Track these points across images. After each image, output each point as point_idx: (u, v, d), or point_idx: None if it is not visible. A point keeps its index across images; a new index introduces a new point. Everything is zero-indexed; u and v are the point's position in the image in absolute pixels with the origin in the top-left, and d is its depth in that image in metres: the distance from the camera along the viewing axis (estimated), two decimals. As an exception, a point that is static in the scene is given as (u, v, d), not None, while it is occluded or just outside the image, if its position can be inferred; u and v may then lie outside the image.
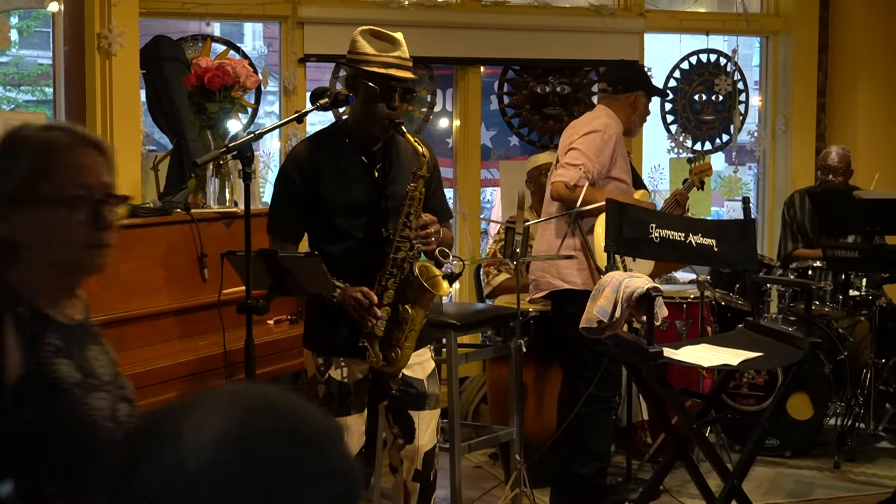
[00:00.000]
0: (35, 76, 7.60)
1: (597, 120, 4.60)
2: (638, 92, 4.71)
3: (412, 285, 3.31)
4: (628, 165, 4.70)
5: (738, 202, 7.36)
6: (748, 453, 3.76)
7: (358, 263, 3.36)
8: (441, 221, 3.43)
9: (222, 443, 0.91)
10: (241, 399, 0.97)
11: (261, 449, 0.92)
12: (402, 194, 3.35)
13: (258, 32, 8.65)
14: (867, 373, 5.37)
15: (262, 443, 0.92)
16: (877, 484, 5.03)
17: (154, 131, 5.72)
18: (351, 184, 3.38)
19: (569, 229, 4.44)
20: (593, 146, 4.48)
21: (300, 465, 0.93)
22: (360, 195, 3.39)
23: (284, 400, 0.98)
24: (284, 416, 0.96)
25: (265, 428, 0.94)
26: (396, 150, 3.46)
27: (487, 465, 5.34)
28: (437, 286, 3.32)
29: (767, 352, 3.75)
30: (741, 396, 5.39)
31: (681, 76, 6.75)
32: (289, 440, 0.94)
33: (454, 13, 6.12)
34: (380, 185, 3.40)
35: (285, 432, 0.95)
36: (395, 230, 3.34)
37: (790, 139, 6.89)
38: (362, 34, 3.38)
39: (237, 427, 0.93)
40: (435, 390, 3.54)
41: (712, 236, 4.10)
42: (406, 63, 3.37)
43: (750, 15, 6.71)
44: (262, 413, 0.95)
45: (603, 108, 4.71)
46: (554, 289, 4.56)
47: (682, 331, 5.09)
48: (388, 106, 3.32)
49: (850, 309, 5.68)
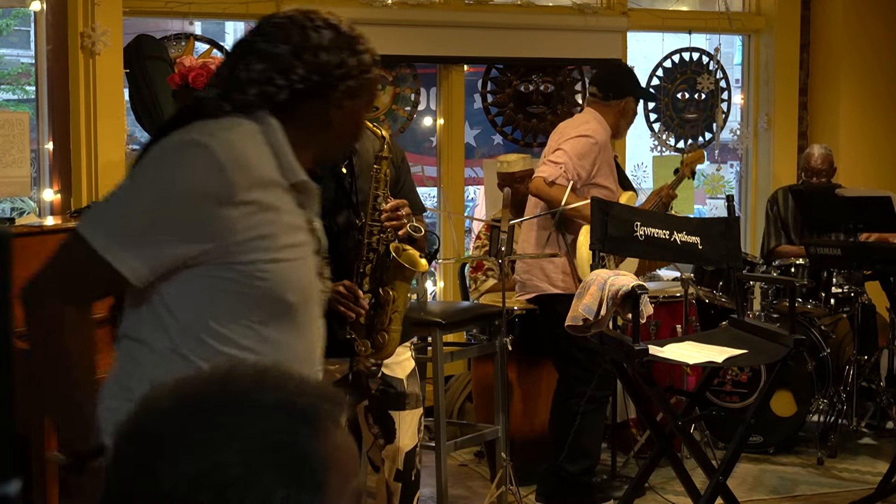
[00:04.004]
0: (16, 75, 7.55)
1: (585, 125, 4.61)
2: (628, 98, 4.72)
3: (389, 266, 3.29)
4: (614, 172, 4.71)
5: (720, 200, 7.41)
6: (733, 450, 3.78)
7: (336, 258, 3.35)
8: (413, 214, 3.42)
9: None
10: None
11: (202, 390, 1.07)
12: (369, 187, 3.37)
13: (240, 31, 8.63)
14: (849, 369, 5.41)
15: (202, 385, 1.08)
16: (859, 480, 5.06)
17: (136, 130, 5.71)
18: (319, 184, 3.38)
19: (553, 231, 4.46)
20: (577, 149, 4.50)
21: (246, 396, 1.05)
22: (329, 195, 3.38)
23: None
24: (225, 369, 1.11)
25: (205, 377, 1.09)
26: (361, 143, 3.45)
27: (473, 464, 5.35)
28: (415, 263, 3.28)
29: (752, 349, 3.77)
30: (724, 394, 5.41)
31: (663, 75, 6.77)
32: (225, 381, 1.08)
33: (437, 12, 6.12)
34: (348, 181, 3.40)
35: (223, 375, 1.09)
36: (366, 216, 3.34)
37: (772, 137, 6.92)
38: None
39: None
40: (415, 389, 3.52)
41: (696, 234, 4.12)
42: None
43: (732, 14, 6.74)
44: None
45: (592, 113, 4.70)
46: (541, 292, 4.58)
47: (652, 332, 5.06)
48: None
49: (832, 306, 5.71)
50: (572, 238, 4.51)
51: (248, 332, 1.92)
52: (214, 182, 1.85)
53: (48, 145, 5.08)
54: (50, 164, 5.09)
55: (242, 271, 1.89)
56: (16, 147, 4.45)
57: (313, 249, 2.06)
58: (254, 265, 1.89)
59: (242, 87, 1.95)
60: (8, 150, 4.42)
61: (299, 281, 1.98)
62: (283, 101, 1.95)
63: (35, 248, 3.70)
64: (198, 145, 1.86)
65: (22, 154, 4.49)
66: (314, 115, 2.00)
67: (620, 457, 5.10)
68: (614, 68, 4.96)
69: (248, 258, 1.88)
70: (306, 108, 1.98)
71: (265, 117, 1.95)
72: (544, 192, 4.45)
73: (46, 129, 5.09)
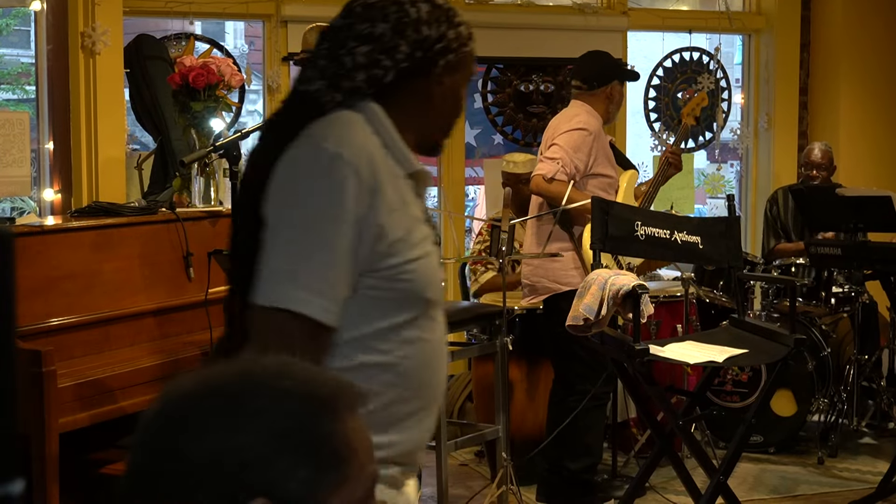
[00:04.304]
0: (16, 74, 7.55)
1: (576, 118, 4.61)
2: (613, 83, 4.72)
3: None
4: (611, 159, 4.70)
5: (720, 200, 7.41)
6: (733, 450, 3.78)
7: None
8: None
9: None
10: None
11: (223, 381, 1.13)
12: None
13: (239, 31, 8.64)
14: (850, 369, 5.40)
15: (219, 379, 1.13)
16: (860, 479, 5.06)
17: (136, 130, 5.71)
18: None
19: (553, 228, 4.46)
20: (572, 142, 4.51)
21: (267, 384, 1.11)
22: None
23: None
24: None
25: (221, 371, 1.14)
26: None
27: (473, 463, 5.35)
28: None
29: (752, 349, 3.76)
30: (725, 393, 5.41)
31: (664, 74, 6.77)
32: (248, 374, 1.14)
33: (438, 11, 6.10)
34: None
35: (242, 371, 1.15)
36: None
37: (772, 137, 6.92)
38: (311, 32, 3.40)
39: None
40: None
41: (697, 233, 4.12)
42: None
43: (732, 13, 6.74)
44: None
45: (580, 105, 4.69)
46: (552, 293, 4.57)
47: (652, 332, 5.05)
48: None
49: (832, 306, 5.71)
50: (580, 231, 4.51)
51: (390, 335, 1.84)
52: (365, 194, 1.76)
53: (48, 145, 5.08)
54: (50, 163, 5.09)
55: (385, 276, 1.81)
56: (16, 147, 4.45)
57: (434, 240, 1.94)
58: (396, 268, 1.81)
59: (350, 73, 1.85)
60: (8, 150, 4.42)
61: (434, 275, 1.89)
62: (389, 83, 1.86)
63: (35, 248, 3.70)
64: (335, 159, 1.76)
65: (22, 154, 4.48)
66: (416, 95, 1.90)
67: (621, 456, 5.10)
68: (592, 57, 4.87)
69: (391, 262, 1.80)
70: (408, 88, 1.88)
71: (367, 105, 1.86)
72: (544, 189, 4.46)
73: (47, 129, 5.09)
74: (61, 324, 3.73)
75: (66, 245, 3.83)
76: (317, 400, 1.10)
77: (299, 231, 1.76)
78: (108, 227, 4.02)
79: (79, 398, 3.50)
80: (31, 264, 3.66)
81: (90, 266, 3.89)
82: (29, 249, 3.67)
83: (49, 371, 3.35)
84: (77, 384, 3.52)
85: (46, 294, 3.70)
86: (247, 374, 1.12)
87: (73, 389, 3.49)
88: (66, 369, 3.55)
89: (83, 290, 3.85)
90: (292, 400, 1.09)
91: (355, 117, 1.84)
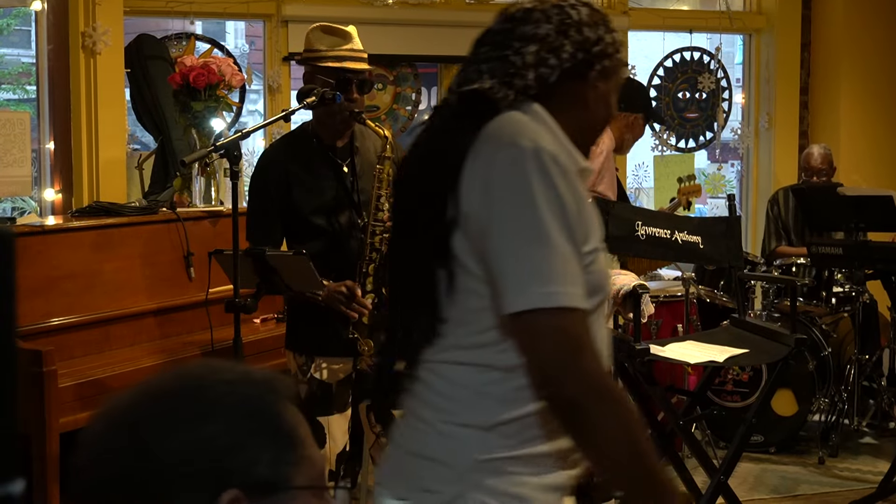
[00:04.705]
0: (16, 74, 7.56)
1: None
2: (639, 114, 4.73)
3: None
4: (615, 182, 4.71)
5: (721, 199, 7.41)
6: (734, 449, 3.78)
7: (338, 258, 3.36)
8: None
9: None
10: None
11: None
12: (371, 187, 3.38)
13: (240, 31, 8.64)
14: (850, 369, 5.40)
15: None
16: (860, 479, 5.06)
17: (137, 130, 5.70)
18: (322, 185, 3.39)
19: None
20: None
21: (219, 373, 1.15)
22: (331, 195, 3.39)
23: None
24: None
25: None
26: (363, 143, 3.47)
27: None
28: None
29: (753, 348, 3.77)
30: (725, 393, 5.41)
31: (664, 74, 6.77)
32: None
33: (438, 11, 6.12)
34: (350, 181, 3.41)
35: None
36: (368, 216, 3.35)
37: (773, 136, 6.92)
38: (313, 31, 3.41)
39: None
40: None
41: (698, 233, 4.12)
42: (360, 55, 3.42)
43: (733, 13, 6.74)
44: None
45: None
46: None
47: (653, 331, 5.05)
48: (347, 98, 3.34)
49: (833, 306, 5.71)
50: None
51: None
52: (571, 181, 1.75)
53: (49, 145, 5.08)
54: (51, 163, 5.09)
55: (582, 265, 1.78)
56: (17, 147, 4.45)
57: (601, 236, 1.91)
58: (587, 256, 1.77)
59: (521, 71, 1.84)
60: (9, 150, 4.42)
61: (606, 269, 1.88)
62: (552, 84, 1.86)
63: (36, 248, 3.70)
64: (539, 153, 1.73)
65: (23, 154, 4.49)
66: (572, 98, 1.89)
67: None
68: (631, 81, 4.97)
69: (586, 249, 1.77)
70: (566, 91, 1.88)
71: (531, 106, 1.84)
72: None
73: (47, 129, 5.09)
74: (62, 324, 3.73)
75: (67, 245, 3.83)
76: (262, 384, 1.14)
77: (534, 228, 1.71)
78: (108, 227, 4.02)
79: (79, 398, 3.50)
80: (31, 264, 3.66)
81: (91, 266, 3.89)
82: (29, 249, 3.67)
83: (49, 371, 3.35)
84: (77, 384, 3.53)
85: (47, 294, 3.71)
86: (186, 377, 1.15)
87: (74, 389, 3.50)
88: (67, 369, 3.56)
89: (84, 290, 3.85)
90: (244, 385, 1.13)
91: (525, 118, 1.83)
